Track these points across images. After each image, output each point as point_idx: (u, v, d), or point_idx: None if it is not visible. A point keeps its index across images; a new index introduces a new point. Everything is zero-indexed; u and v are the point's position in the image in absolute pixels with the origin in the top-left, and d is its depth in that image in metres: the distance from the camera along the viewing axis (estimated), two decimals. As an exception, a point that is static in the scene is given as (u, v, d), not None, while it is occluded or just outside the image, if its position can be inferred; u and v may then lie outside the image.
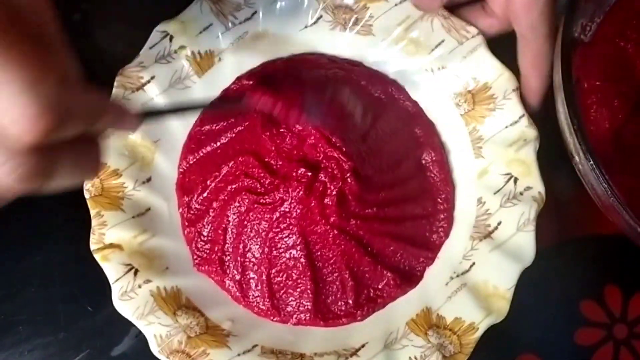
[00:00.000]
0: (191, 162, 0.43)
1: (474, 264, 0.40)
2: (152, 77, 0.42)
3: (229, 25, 0.44)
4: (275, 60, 0.44)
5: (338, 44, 0.44)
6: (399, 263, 0.41)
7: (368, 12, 0.43)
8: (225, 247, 0.41)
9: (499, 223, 0.40)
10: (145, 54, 0.42)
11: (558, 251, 0.44)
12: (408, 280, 0.41)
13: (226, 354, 0.39)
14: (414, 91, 0.44)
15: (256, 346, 0.39)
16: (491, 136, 0.42)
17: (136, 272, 0.40)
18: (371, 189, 0.41)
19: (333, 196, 0.39)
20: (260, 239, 0.40)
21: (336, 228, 0.40)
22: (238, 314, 0.41)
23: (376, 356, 0.39)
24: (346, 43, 0.44)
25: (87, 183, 0.41)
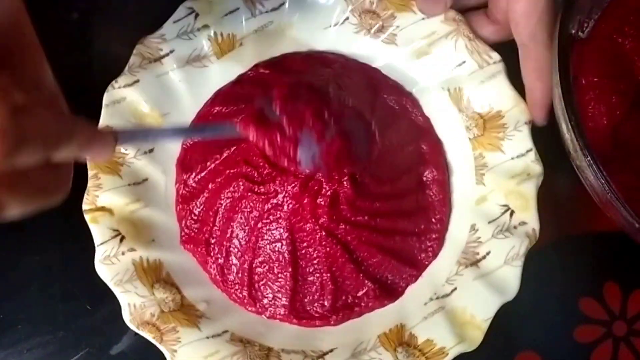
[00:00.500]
0: (195, 140, 0.43)
1: (456, 289, 0.40)
2: (172, 51, 0.43)
3: (256, 12, 0.44)
4: (294, 53, 0.44)
5: (359, 48, 0.44)
6: (382, 275, 0.41)
7: (395, 22, 0.43)
8: (213, 229, 0.41)
9: (488, 253, 0.40)
10: (168, 27, 0.43)
11: (557, 248, 0.44)
12: (388, 293, 0.41)
13: (195, 335, 0.39)
14: (428, 107, 0.44)
15: (226, 332, 0.40)
16: (495, 165, 0.41)
17: (122, 239, 0.40)
18: (367, 197, 0.40)
19: (327, 197, 0.39)
20: (248, 227, 0.41)
21: (324, 229, 0.40)
22: (214, 297, 0.41)
23: (342, 363, 0.39)
24: (368, 48, 0.44)
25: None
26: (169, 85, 0.43)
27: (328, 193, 0.39)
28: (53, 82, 0.29)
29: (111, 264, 0.39)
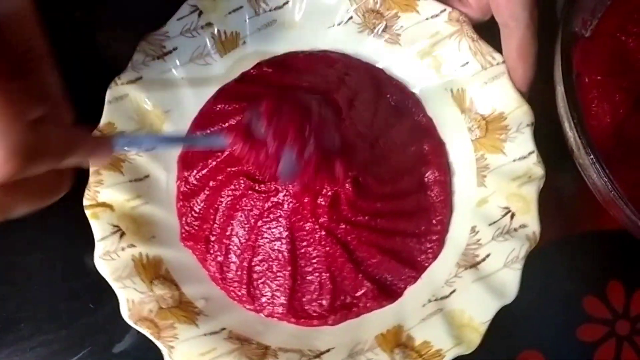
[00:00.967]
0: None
1: (455, 291, 0.39)
2: (175, 48, 0.43)
3: (259, 10, 0.44)
4: (298, 52, 0.44)
5: (363, 48, 0.44)
6: (381, 276, 0.41)
7: (398, 22, 0.43)
8: (213, 227, 0.42)
9: (488, 255, 0.39)
10: (171, 25, 0.43)
11: (560, 247, 0.44)
12: (387, 294, 0.41)
13: (193, 331, 0.39)
14: (430, 107, 0.44)
15: (224, 329, 0.40)
16: (497, 167, 0.41)
17: (122, 235, 0.40)
18: (367, 197, 0.40)
19: (327, 197, 0.39)
20: (248, 226, 0.41)
21: (324, 229, 0.40)
22: (213, 295, 0.41)
23: (339, 363, 0.38)
24: (371, 48, 0.44)
25: (93, 139, 0.41)
26: (172, 82, 0.43)
27: (329, 193, 0.39)
28: (60, 91, 0.30)
29: (111, 260, 0.40)
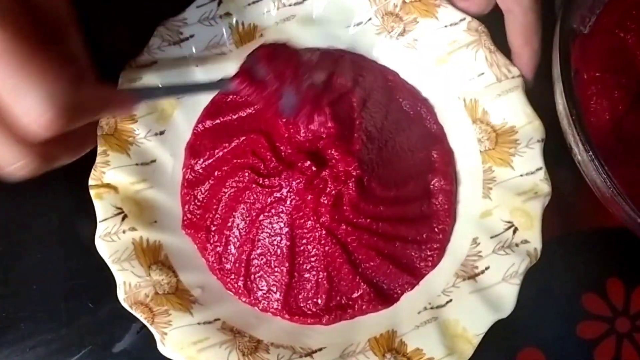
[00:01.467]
0: (207, 127, 0.43)
1: (451, 301, 0.39)
2: (192, 36, 0.43)
3: (279, 5, 0.44)
4: (314, 49, 0.44)
5: (379, 50, 0.44)
6: (379, 280, 0.41)
7: (417, 27, 0.43)
8: (215, 217, 0.42)
9: (487, 268, 0.39)
10: (190, 11, 0.43)
11: (560, 244, 0.44)
12: (383, 298, 0.41)
13: (186, 319, 0.39)
14: (442, 115, 0.44)
15: (218, 320, 0.40)
16: (504, 180, 0.41)
17: (124, 218, 0.40)
18: (371, 200, 0.40)
19: (330, 196, 0.39)
20: (249, 219, 0.41)
21: (325, 228, 0.40)
22: (209, 284, 0.41)
23: (330, 363, 0.38)
24: (387, 51, 0.44)
25: (102, 120, 0.41)
26: (186, 69, 0.43)
27: (332, 192, 0.39)
28: (86, 54, 0.35)
29: (111, 241, 0.40)
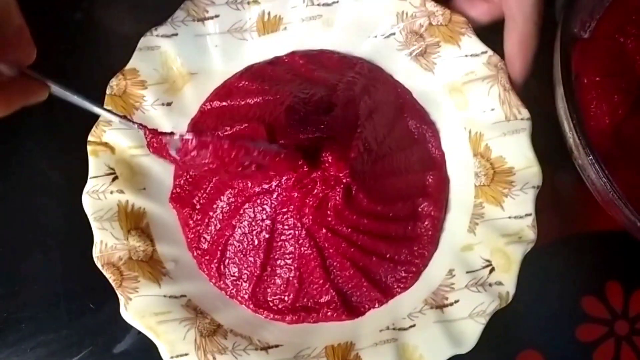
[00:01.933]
0: (214, 107, 0.44)
1: (414, 326, 0.39)
2: (217, 16, 0.43)
3: (308, 2, 0.44)
4: (333, 52, 0.45)
5: (397, 66, 0.44)
6: (349, 290, 0.41)
7: (438, 51, 0.43)
8: (202, 196, 0.42)
9: (456, 301, 0.39)
10: (220, -8, 0.43)
11: (559, 247, 0.44)
12: (349, 310, 0.41)
13: (154, 290, 0.39)
14: (446, 142, 0.43)
15: (184, 297, 0.40)
16: (492, 219, 0.40)
17: (114, 179, 0.41)
18: (355, 210, 0.40)
19: (317, 198, 0.39)
20: (235, 204, 0.41)
21: (305, 229, 0.40)
22: (184, 260, 0.42)
23: (283, 361, 0.39)
24: (405, 68, 0.44)
25: (114, 79, 0.42)
26: (205, 47, 0.43)
27: (319, 195, 0.39)
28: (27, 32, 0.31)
29: (97, 199, 0.40)
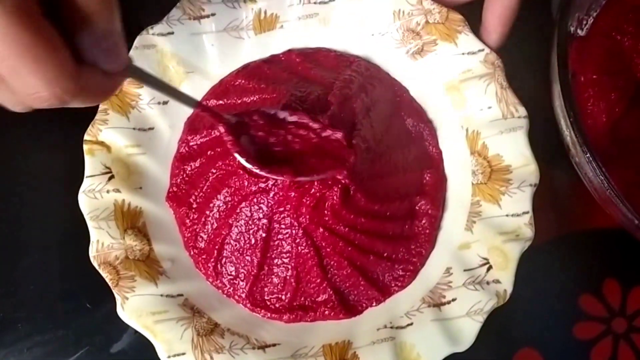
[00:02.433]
0: (210, 105, 0.44)
1: (412, 324, 0.39)
2: (213, 14, 0.43)
3: (304, 0, 0.44)
4: (330, 50, 0.44)
5: (394, 64, 0.44)
6: (346, 289, 0.41)
7: (435, 49, 0.43)
8: (199, 194, 0.42)
9: (454, 299, 0.39)
10: (216, -10, 0.43)
11: (557, 245, 0.45)
12: (347, 308, 0.41)
13: (150, 289, 0.39)
14: (443, 140, 0.43)
15: (181, 296, 0.40)
16: (489, 217, 0.40)
17: (110, 178, 0.41)
18: (353, 210, 0.40)
19: (314, 197, 0.39)
20: (231, 203, 0.41)
21: (302, 228, 0.40)
22: (180, 260, 0.42)
23: (280, 360, 0.39)
24: (402, 66, 0.44)
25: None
26: (201, 46, 0.43)
27: (316, 194, 0.39)
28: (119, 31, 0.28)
29: (93, 199, 0.40)
